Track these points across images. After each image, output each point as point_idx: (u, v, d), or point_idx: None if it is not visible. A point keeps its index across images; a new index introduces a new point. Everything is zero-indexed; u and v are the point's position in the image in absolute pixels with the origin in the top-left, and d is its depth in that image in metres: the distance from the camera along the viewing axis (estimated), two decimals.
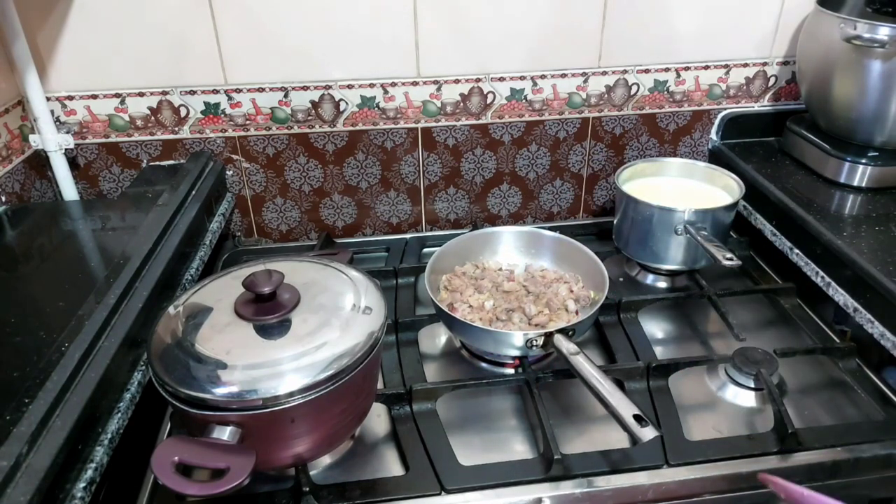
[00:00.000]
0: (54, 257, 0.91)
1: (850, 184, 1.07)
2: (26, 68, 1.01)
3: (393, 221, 1.27)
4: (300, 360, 0.64)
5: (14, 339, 0.73)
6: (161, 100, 1.11)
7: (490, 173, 1.24)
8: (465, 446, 0.78)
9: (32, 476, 0.54)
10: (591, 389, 0.74)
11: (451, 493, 0.72)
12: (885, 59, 0.98)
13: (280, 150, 1.17)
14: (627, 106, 1.22)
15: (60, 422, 0.59)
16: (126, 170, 1.16)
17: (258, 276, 0.69)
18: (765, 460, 0.75)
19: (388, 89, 1.14)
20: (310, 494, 0.71)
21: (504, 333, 0.85)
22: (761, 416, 0.83)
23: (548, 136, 1.22)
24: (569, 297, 0.94)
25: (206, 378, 0.62)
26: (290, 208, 1.23)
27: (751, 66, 1.21)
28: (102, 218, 1.01)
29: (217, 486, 0.57)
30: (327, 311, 0.70)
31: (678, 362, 0.88)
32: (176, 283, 0.90)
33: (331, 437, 0.72)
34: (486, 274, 1.01)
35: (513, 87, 1.16)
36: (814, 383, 0.89)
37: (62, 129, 1.09)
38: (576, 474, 0.73)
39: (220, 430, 0.61)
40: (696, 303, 1.03)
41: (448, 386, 0.84)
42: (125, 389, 0.71)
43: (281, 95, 1.12)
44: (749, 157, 1.20)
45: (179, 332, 0.67)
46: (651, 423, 0.68)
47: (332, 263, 0.79)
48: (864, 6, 1.14)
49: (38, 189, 1.10)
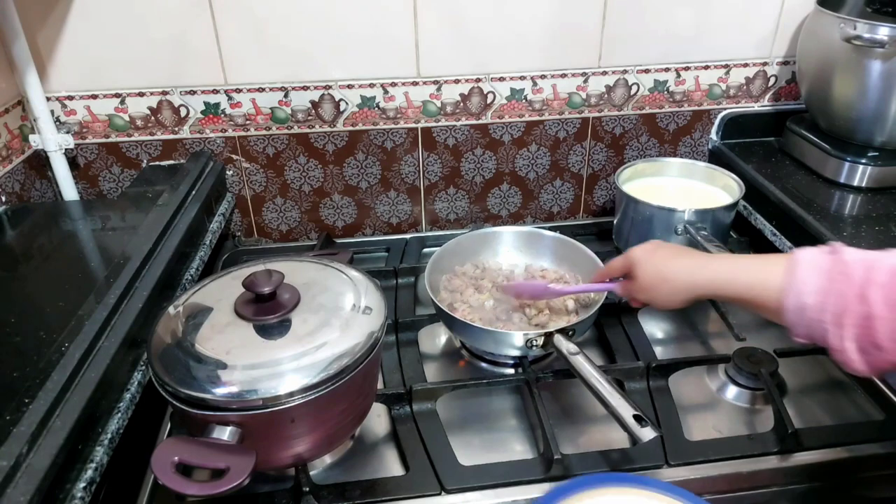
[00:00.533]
0: (54, 257, 0.91)
1: (850, 184, 1.07)
2: (26, 68, 1.01)
3: (393, 221, 1.27)
4: (300, 360, 0.64)
5: (14, 339, 0.73)
6: (161, 100, 1.11)
7: (490, 173, 1.24)
8: (465, 446, 0.78)
9: (32, 476, 0.54)
10: (591, 389, 0.74)
11: (451, 493, 0.72)
12: (885, 59, 0.98)
13: (280, 150, 1.17)
14: (627, 106, 1.22)
15: (60, 422, 0.59)
16: (126, 170, 1.16)
17: (258, 276, 0.69)
18: (765, 460, 0.75)
19: (388, 89, 1.14)
20: (310, 494, 0.71)
21: (504, 333, 0.85)
22: (761, 416, 0.83)
23: (548, 136, 1.22)
24: (569, 298, 0.94)
25: (206, 378, 0.62)
26: (290, 208, 1.23)
27: (751, 66, 1.21)
28: (102, 218, 1.01)
29: (217, 486, 0.57)
30: (327, 311, 0.70)
31: (678, 362, 0.88)
32: (176, 283, 0.90)
33: (331, 437, 0.72)
34: (486, 274, 1.01)
35: (513, 87, 1.16)
36: (814, 383, 0.89)
37: (62, 129, 1.09)
38: (576, 474, 0.73)
39: (220, 430, 0.61)
40: (696, 303, 1.03)
41: (448, 386, 0.84)
42: (125, 389, 0.71)
43: (281, 95, 1.12)
44: (749, 157, 1.20)
45: (179, 332, 0.67)
46: (651, 423, 0.68)
47: (332, 263, 0.79)
48: (864, 6, 1.14)
49: (38, 189, 1.10)
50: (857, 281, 0.52)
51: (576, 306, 0.93)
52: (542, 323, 0.90)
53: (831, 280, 0.52)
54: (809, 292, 0.53)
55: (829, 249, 0.55)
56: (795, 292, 0.53)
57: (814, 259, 0.54)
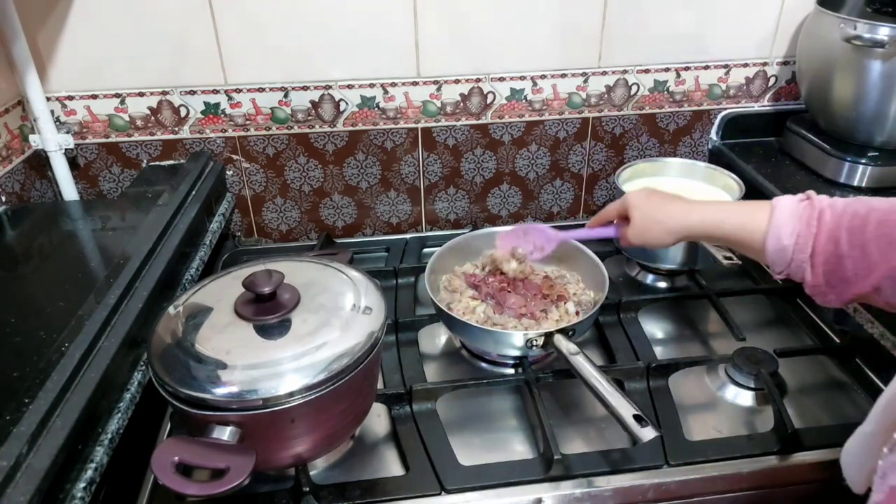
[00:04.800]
0: (54, 257, 0.91)
1: (850, 184, 1.07)
2: (26, 68, 1.01)
3: (393, 221, 1.27)
4: (300, 360, 0.64)
5: (14, 339, 0.73)
6: (161, 100, 1.11)
7: (490, 173, 1.24)
8: (465, 446, 0.78)
9: (32, 476, 0.54)
10: (591, 389, 0.74)
11: (451, 493, 0.72)
12: (885, 59, 0.98)
13: (280, 150, 1.17)
14: (627, 106, 1.22)
15: (60, 422, 0.59)
16: (126, 170, 1.16)
17: (258, 276, 0.69)
18: (765, 460, 0.75)
19: (388, 89, 1.14)
20: (310, 494, 0.71)
21: (504, 333, 0.85)
22: (761, 416, 0.83)
23: (548, 136, 1.22)
24: (570, 300, 0.94)
25: (206, 378, 0.62)
26: (290, 208, 1.23)
27: (751, 66, 1.21)
28: (102, 218, 1.01)
29: (217, 486, 0.57)
30: (327, 311, 0.70)
31: (678, 362, 0.88)
32: (176, 283, 0.90)
33: (331, 437, 0.72)
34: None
35: (513, 87, 1.16)
36: (814, 383, 0.89)
37: (62, 129, 1.09)
38: (576, 474, 0.73)
39: (220, 430, 0.61)
40: (696, 303, 1.03)
41: (448, 386, 0.84)
42: (125, 389, 0.71)
43: (281, 95, 1.12)
44: (749, 157, 1.20)
45: (179, 332, 0.67)
46: (651, 423, 0.68)
47: (332, 263, 0.79)
48: (864, 6, 1.14)
49: (38, 189, 1.10)
50: (829, 225, 0.59)
51: (576, 307, 0.93)
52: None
53: (808, 225, 0.59)
54: (788, 235, 0.60)
55: (804, 197, 0.62)
56: (775, 236, 0.60)
57: (791, 206, 0.61)
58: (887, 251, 0.55)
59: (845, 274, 0.58)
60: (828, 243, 0.59)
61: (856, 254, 0.57)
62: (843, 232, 0.58)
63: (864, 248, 0.56)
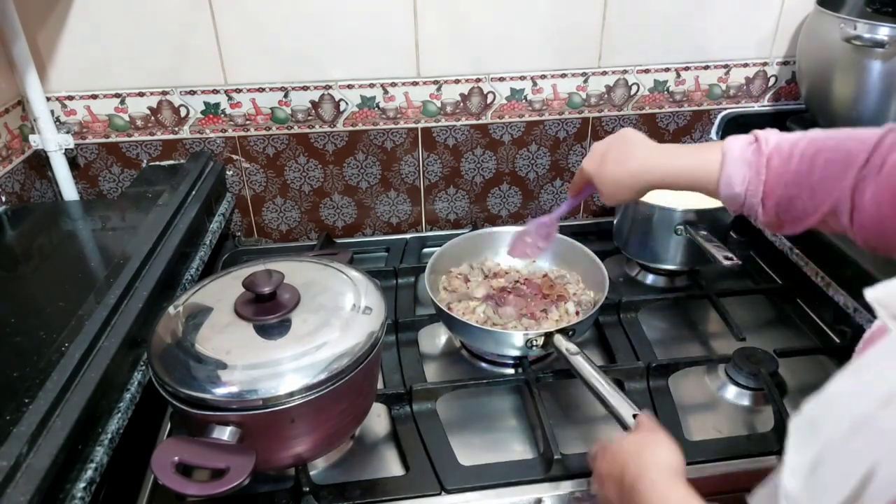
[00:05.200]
0: (54, 257, 0.91)
1: None
2: (26, 68, 1.01)
3: (393, 221, 1.27)
4: (300, 360, 0.64)
5: (14, 339, 0.73)
6: (161, 100, 1.11)
7: (490, 173, 1.24)
8: (465, 446, 0.78)
9: (32, 476, 0.54)
10: (590, 389, 0.74)
11: (451, 493, 0.72)
12: (885, 59, 0.98)
13: (280, 150, 1.17)
14: (627, 106, 1.22)
15: (60, 422, 0.59)
16: (126, 170, 1.16)
17: (258, 276, 0.69)
18: (765, 460, 0.75)
19: (388, 89, 1.14)
20: (310, 494, 0.71)
21: (504, 333, 0.85)
22: (761, 416, 0.83)
23: (548, 136, 1.22)
24: (570, 300, 0.94)
25: (206, 378, 0.62)
26: (290, 208, 1.23)
27: (751, 66, 1.21)
28: (102, 218, 1.01)
29: (217, 486, 0.57)
30: (327, 311, 0.70)
31: (678, 362, 0.88)
32: (176, 283, 0.90)
33: (331, 437, 0.72)
34: (484, 272, 1.01)
35: (513, 87, 1.16)
36: (814, 383, 0.88)
37: (62, 129, 1.09)
38: (576, 474, 0.73)
39: (220, 430, 0.61)
40: (696, 303, 1.03)
41: (448, 386, 0.84)
42: (125, 389, 0.71)
43: (281, 95, 1.12)
44: None
45: (179, 332, 0.67)
46: None
47: (332, 263, 0.79)
48: (864, 6, 1.14)
49: (38, 189, 1.10)
50: (777, 170, 0.62)
51: (576, 307, 0.93)
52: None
53: (757, 173, 0.63)
54: (739, 183, 0.63)
55: (752, 139, 0.65)
56: (727, 183, 0.64)
57: (740, 152, 0.64)
58: (833, 187, 0.58)
59: (795, 212, 0.62)
60: (776, 187, 0.62)
61: (804, 194, 0.60)
62: (791, 175, 0.61)
63: (813, 188, 0.59)
